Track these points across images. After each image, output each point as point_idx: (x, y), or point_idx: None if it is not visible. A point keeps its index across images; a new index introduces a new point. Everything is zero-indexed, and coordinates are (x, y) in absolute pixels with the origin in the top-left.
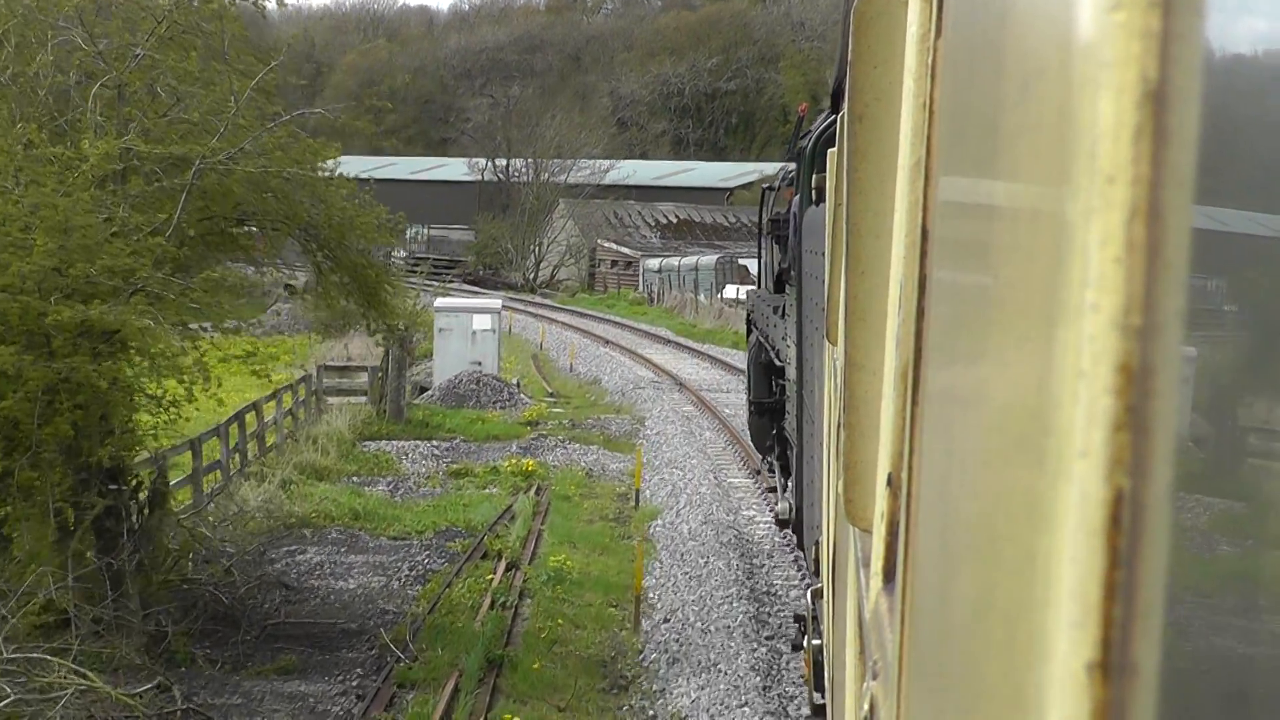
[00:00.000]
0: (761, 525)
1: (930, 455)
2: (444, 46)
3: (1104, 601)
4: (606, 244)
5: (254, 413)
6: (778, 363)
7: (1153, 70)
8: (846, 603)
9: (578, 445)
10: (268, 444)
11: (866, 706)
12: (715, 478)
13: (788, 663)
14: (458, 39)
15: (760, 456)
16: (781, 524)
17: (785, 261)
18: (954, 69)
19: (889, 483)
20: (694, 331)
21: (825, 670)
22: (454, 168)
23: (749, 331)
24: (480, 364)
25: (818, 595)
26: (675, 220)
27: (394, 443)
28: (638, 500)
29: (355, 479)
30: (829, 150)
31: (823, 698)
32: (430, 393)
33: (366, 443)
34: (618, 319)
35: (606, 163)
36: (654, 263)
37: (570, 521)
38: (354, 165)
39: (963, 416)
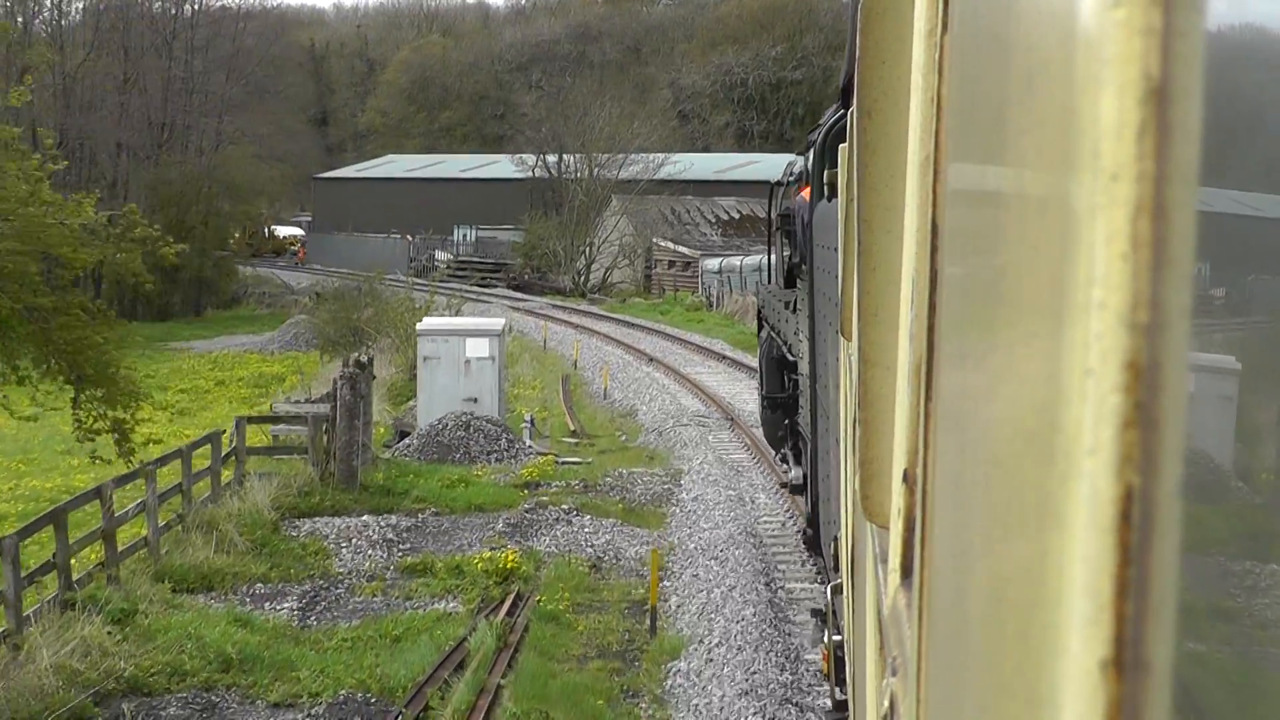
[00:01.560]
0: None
1: (944, 451)
2: (499, 40)
3: (1116, 599)
4: (663, 243)
5: (107, 500)
6: (790, 357)
7: (1155, 67)
8: (866, 599)
9: (588, 518)
10: (119, 547)
11: (886, 703)
12: (769, 582)
13: None
14: (513, 32)
15: (773, 453)
16: (795, 489)
17: (796, 256)
18: (961, 64)
19: (905, 479)
20: (754, 343)
21: (846, 666)
22: (505, 165)
23: (759, 326)
24: (475, 401)
25: (837, 591)
26: (738, 216)
27: (338, 520)
28: (653, 624)
29: (259, 588)
30: (840, 145)
31: (844, 694)
32: (408, 440)
33: (299, 521)
34: (670, 329)
35: (661, 156)
36: (713, 263)
37: (552, 663)
38: (401, 164)
39: (975, 413)
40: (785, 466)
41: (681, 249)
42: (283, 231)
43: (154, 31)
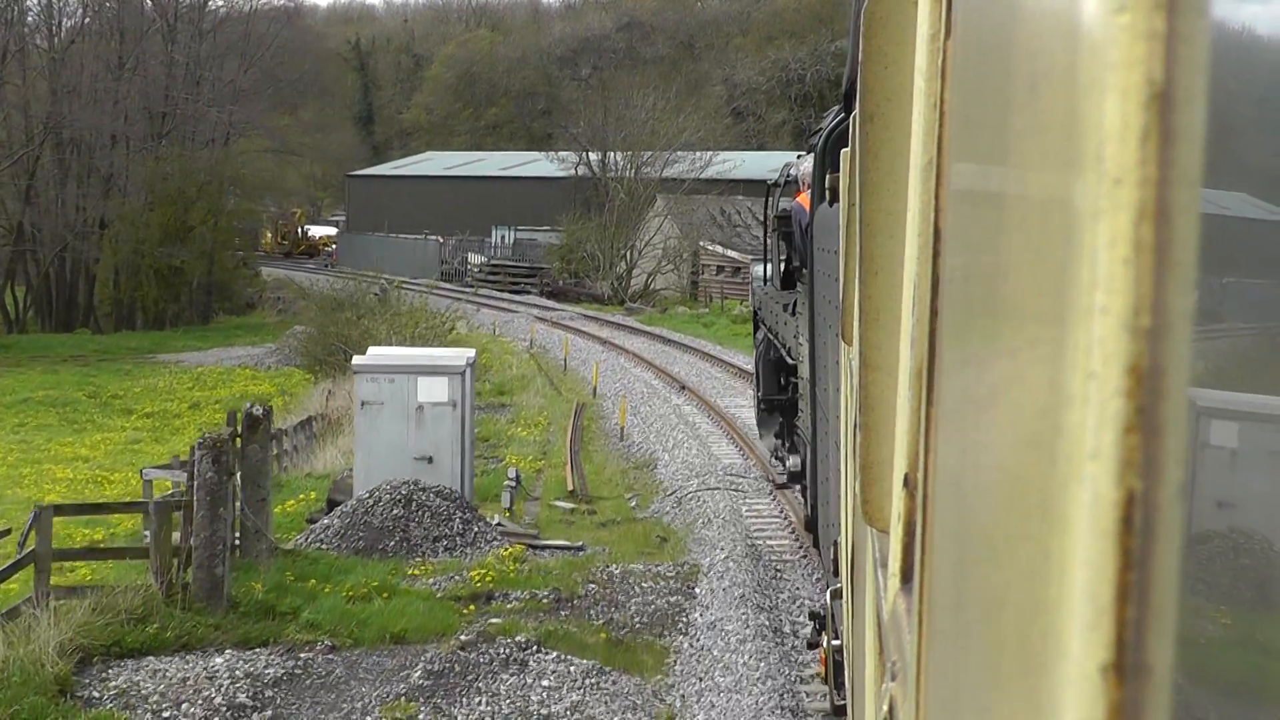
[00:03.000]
0: None
1: (945, 456)
2: (548, 35)
3: (1117, 603)
4: (711, 246)
5: None
6: (789, 360)
7: (1158, 72)
8: (865, 603)
9: (552, 657)
10: None
11: (886, 707)
12: None
13: None
14: (562, 27)
15: (769, 454)
16: (792, 477)
17: (795, 259)
18: (964, 69)
19: (905, 483)
20: None
21: (845, 671)
22: (547, 163)
23: (755, 328)
24: (430, 461)
25: (836, 595)
26: None
27: (179, 662)
28: None
29: None
30: (841, 149)
31: (841, 698)
32: (328, 521)
33: (116, 666)
34: (711, 347)
35: (708, 153)
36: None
37: None
38: (439, 162)
39: (976, 418)
40: (779, 467)
41: (731, 253)
42: (317, 231)
43: (154, 10)
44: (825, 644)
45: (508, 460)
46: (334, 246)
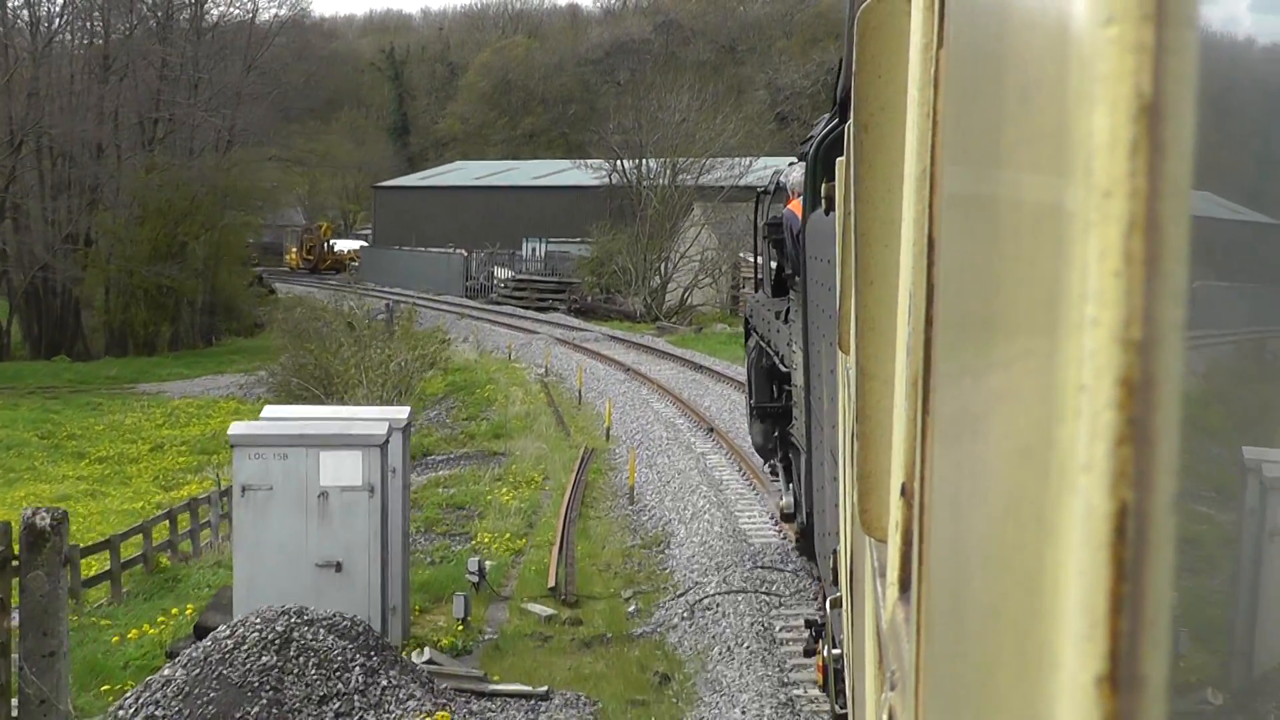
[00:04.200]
0: None
1: (942, 466)
2: (585, 41)
3: (1111, 614)
4: (752, 258)
5: None
6: (782, 367)
7: (1147, 84)
8: (864, 612)
9: None
10: None
11: (885, 716)
12: None
13: None
14: (600, 32)
15: (762, 461)
16: (785, 518)
17: (788, 267)
18: (957, 79)
19: (903, 493)
20: None
21: (846, 680)
22: (581, 171)
23: (747, 335)
24: (339, 569)
25: (836, 604)
26: None
27: None
28: None
29: None
30: (834, 157)
31: (843, 707)
32: (168, 673)
33: None
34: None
35: (748, 159)
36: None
37: None
38: (469, 171)
39: (972, 428)
40: (774, 479)
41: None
42: (345, 245)
43: (146, 8)
44: (825, 652)
45: (478, 538)
46: (359, 261)
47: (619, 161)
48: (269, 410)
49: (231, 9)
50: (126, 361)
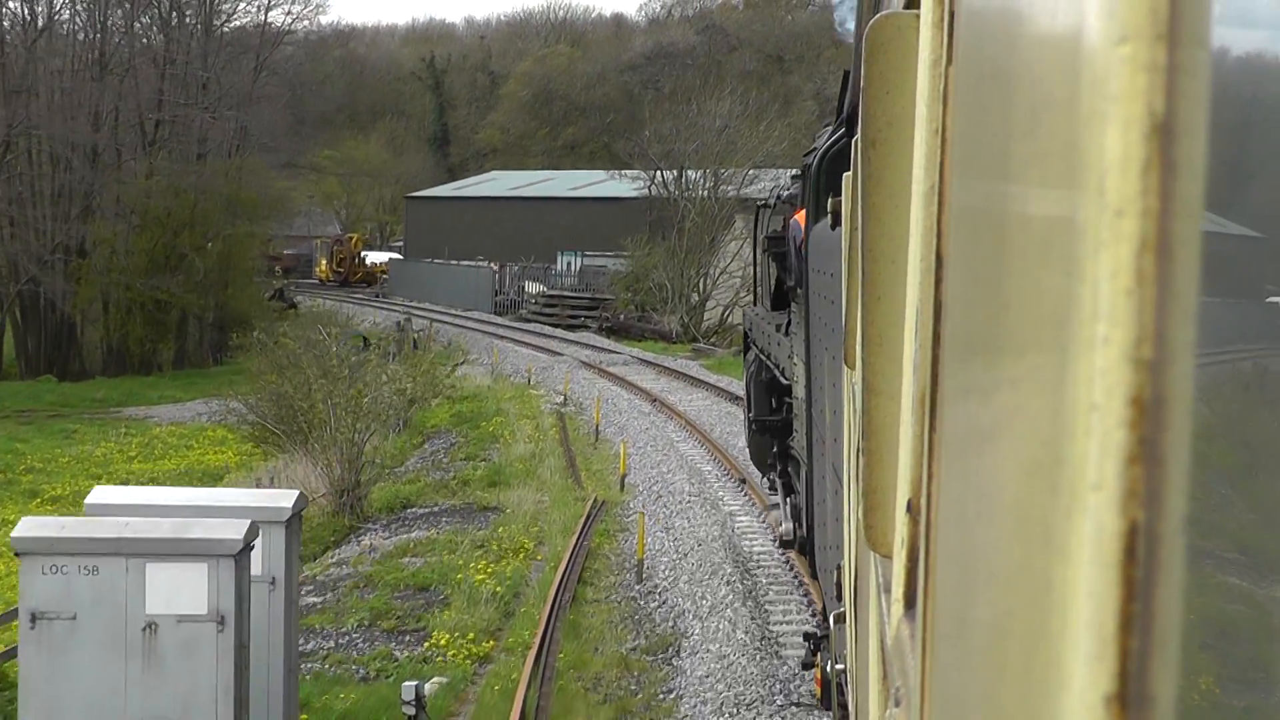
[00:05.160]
0: None
1: (948, 483)
2: (630, 50)
3: (1120, 634)
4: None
5: None
6: (782, 380)
7: (1159, 103)
8: (869, 628)
9: None
10: None
11: None
12: None
13: None
14: (643, 41)
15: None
16: (784, 545)
17: (790, 279)
18: (965, 96)
19: (908, 509)
20: None
21: (849, 696)
22: (620, 182)
23: (745, 349)
24: None
25: (840, 619)
26: None
27: None
28: None
29: None
30: (837, 170)
31: None
32: None
33: None
34: None
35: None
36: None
37: None
38: (504, 182)
39: (979, 445)
40: (770, 491)
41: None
42: (376, 257)
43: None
44: (829, 667)
45: (434, 639)
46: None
47: (658, 172)
48: (97, 494)
49: (242, 2)
50: (118, 382)
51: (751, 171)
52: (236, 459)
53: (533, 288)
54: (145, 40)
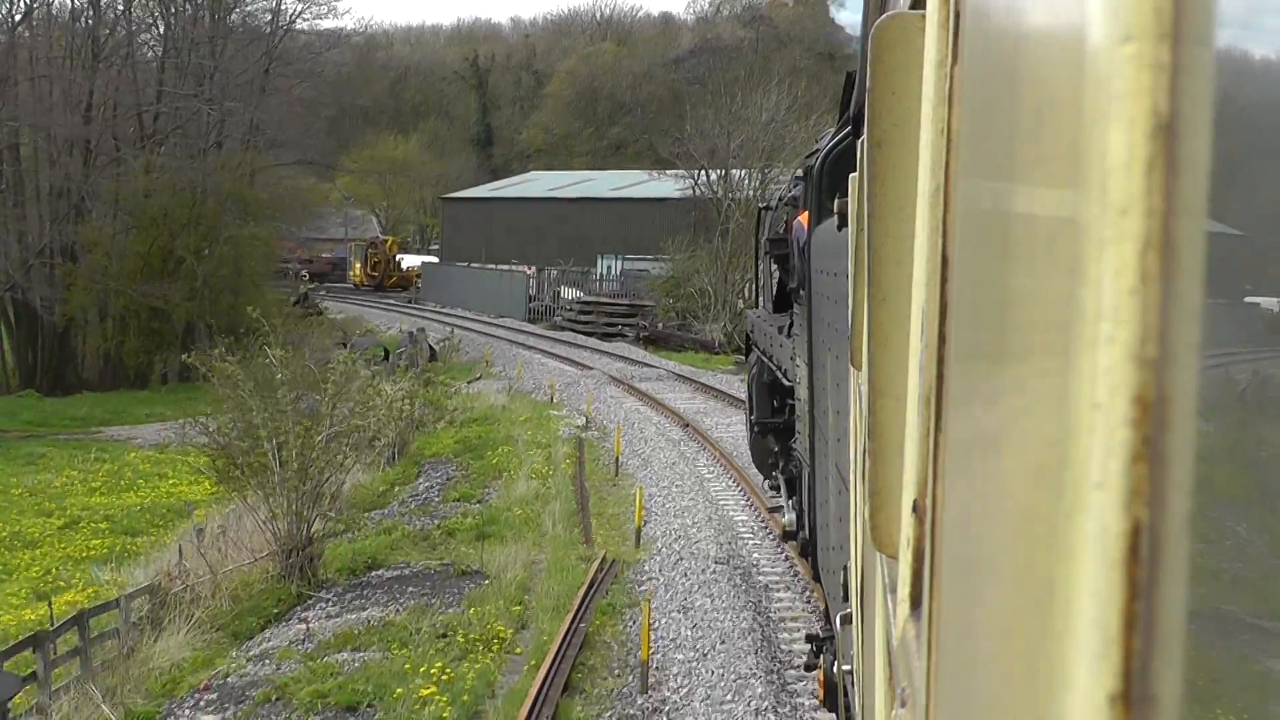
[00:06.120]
0: None
1: (954, 483)
2: (677, 47)
3: (1124, 633)
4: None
5: None
6: (785, 382)
7: (1164, 102)
8: (875, 628)
9: None
10: None
11: None
12: None
13: None
14: (691, 38)
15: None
16: (787, 535)
17: (793, 281)
18: (971, 96)
19: (914, 509)
20: None
21: (855, 696)
22: (665, 182)
23: (747, 351)
24: None
25: (846, 621)
26: None
27: None
28: None
29: None
30: (841, 171)
31: None
32: None
33: None
34: None
35: None
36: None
37: None
38: (543, 183)
39: (984, 445)
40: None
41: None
42: (412, 261)
43: None
44: (836, 669)
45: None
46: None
47: (702, 171)
48: None
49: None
50: (107, 398)
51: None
52: (211, 491)
53: (569, 293)
54: (148, 23)
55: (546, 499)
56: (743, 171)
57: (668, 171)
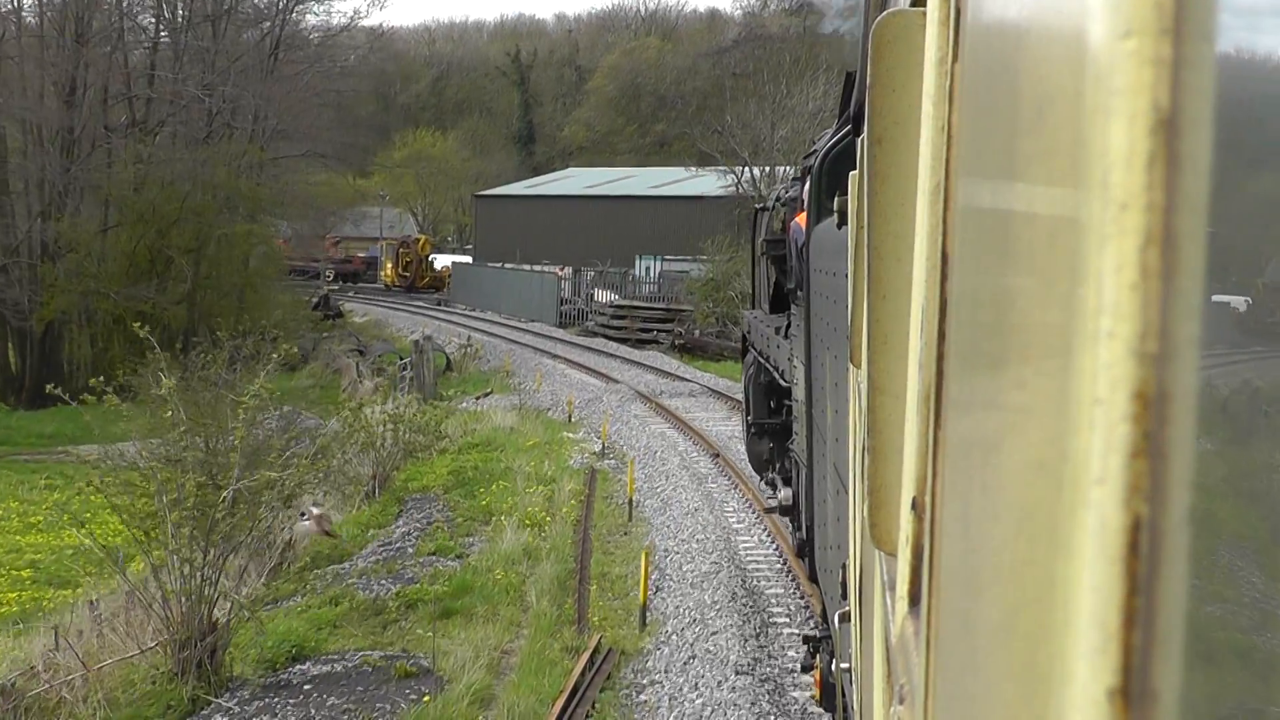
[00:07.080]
0: None
1: (953, 480)
2: (723, 41)
3: (1124, 628)
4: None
5: None
6: (782, 383)
7: (1164, 98)
8: (874, 626)
9: None
10: None
11: None
12: None
13: None
14: (739, 32)
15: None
16: (784, 511)
17: (790, 281)
18: (972, 93)
19: (913, 506)
20: None
21: (853, 694)
22: (707, 179)
23: (744, 352)
24: None
25: (845, 619)
26: None
27: None
28: None
29: None
30: (838, 169)
31: None
32: None
33: None
34: None
35: None
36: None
37: None
38: (580, 180)
39: (984, 442)
40: (769, 493)
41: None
42: (444, 261)
43: None
44: (830, 668)
45: None
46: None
47: (745, 167)
48: None
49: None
50: (78, 412)
51: None
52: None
53: (603, 296)
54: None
55: (538, 557)
56: (787, 167)
57: (708, 168)
